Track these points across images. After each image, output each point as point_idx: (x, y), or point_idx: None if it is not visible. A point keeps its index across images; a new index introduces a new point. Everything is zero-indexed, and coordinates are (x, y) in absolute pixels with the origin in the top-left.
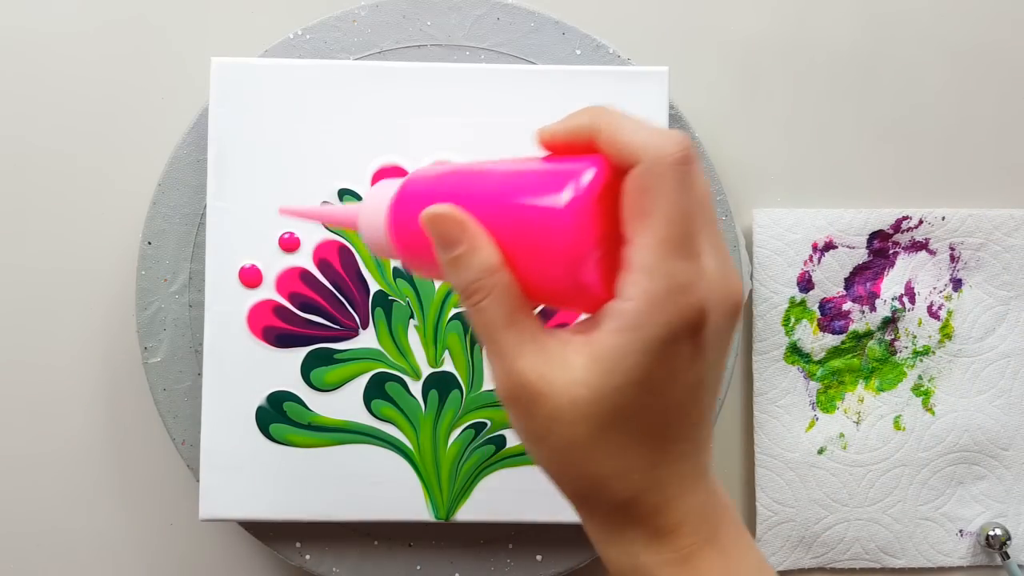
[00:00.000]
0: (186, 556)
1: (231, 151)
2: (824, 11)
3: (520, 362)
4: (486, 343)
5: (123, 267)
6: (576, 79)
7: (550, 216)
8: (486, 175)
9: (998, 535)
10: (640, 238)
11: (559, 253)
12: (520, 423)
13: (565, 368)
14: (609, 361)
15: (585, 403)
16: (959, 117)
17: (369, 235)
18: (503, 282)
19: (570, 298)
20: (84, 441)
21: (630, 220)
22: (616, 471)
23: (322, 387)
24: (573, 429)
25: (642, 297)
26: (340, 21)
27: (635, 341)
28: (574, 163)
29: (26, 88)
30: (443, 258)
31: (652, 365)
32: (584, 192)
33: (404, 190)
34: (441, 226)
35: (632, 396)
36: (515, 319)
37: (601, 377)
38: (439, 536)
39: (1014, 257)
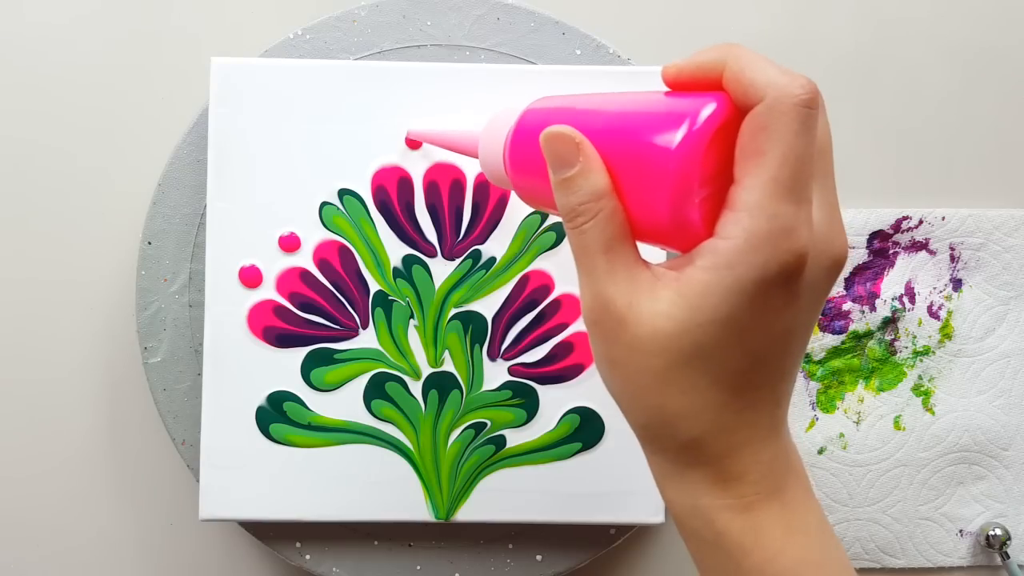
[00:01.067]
0: (186, 556)
1: (231, 151)
2: (824, 11)
3: (611, 287)
4: (581, 265)
5: (123, 267)
6: (576, 79)
7: (661, 151)
8: (606, 106)
9: (998, 535)
10: (749, 178)
11: (665, 188)
12: (600, 347)
13: (653, 299)
14: (696, 297)
15: (666, 336)
16: (959, 117)
17: (487, 162)
18: (609, 207)
19: (669, 235)
20: (84, 441)
21: (742, 159)
22: (687, 409)
23: (322, 387)
24: (650, 360)
25: (741, 236)
26: (340, 21)
27: (725, 279)
28: (693, 99)
29: (26, 88)
30: (555, 179)
31: (740, 306)
32: (699, 129)
33: (524, 118)
34: (558, 145)
35: (714, 335)
36: (613, 245)
37: (685, 312)
38: (439, 536)
39: (1014, 257)
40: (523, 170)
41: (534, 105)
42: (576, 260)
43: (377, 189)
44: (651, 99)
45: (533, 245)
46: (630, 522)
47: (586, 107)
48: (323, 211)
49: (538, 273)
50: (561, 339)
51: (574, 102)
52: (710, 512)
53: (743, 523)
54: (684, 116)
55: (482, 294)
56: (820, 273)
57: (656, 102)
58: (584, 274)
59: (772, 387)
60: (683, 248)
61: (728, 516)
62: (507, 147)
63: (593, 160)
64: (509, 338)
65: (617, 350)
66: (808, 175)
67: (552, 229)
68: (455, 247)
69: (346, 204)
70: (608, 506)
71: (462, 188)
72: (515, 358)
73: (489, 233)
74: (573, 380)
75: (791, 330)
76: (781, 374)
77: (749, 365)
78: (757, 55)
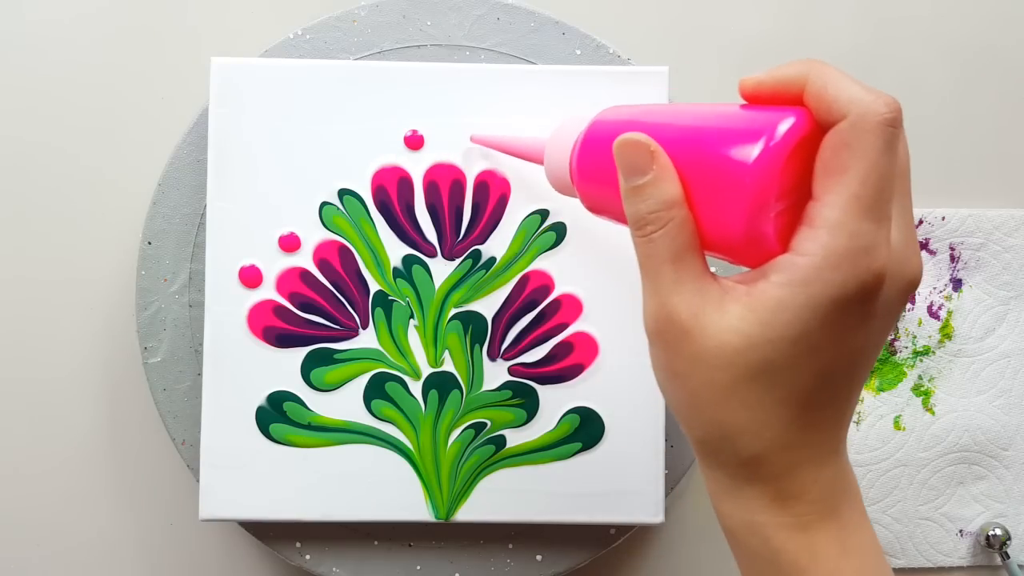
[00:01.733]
0: (186, 556)
1: (231, 151)
2: (824, 11)
3: (676, 298)
4: (646, 274)
5: (123, 267)
6: (576, 79)
7: (739, 164)
8: (680, 116)
9: (998, 535)
10: (830, 195)
11: (742, 202)
12: (662, 358)
13: (721, 312)
14: (768, 312)
15: (733, 350)
16: (959, 117)
17: (553, 169)
18: (680, 216)
19: (741, 249)
20: (84, 441)
21: (822, 176)
22: (750, 425)
23: (322, 387)
24: (715, 374)
25: (820, 253)
26: (340, 21)
27: (800, 296)
28: (772, 112)
29: (26, 88)
30: (626, 186)
31: (813, 324)
32: (778, 143)
33: (594, 127)
34: (631, 152)
35: (783, 352)
36: (682, 255)
37: (755, 327)
38: (439, 536)
39: (1014, 257)
40: (591, 178)
41: (603, 115)
42: (641, 269)
43: (377, 189)
44: (727, 112)
45: (533, 245)
46: (630, 522)
47: (659, 118)
48: (323, 211)
49: (538, 273)
50: (561, 339)
51: (646, 112)
52: (766, 529)
53: (800, 542)
54: (763, 130)
55: (482, 294)
56: (895, 294)
57: (733, 115)
58: (649, 283)
59: (837, 407)
60: (753, 263)
61: (785, 535)
62: (575, 155)
63: (666, 168)
64: (509, 338)
65: (680, 362)
66: (889, 194)
67: (552, 229)
68: (455, 247)
69: (346, 204)
70: (608, 506)
71: (462, 188)
72: (515, 358)
73: (489, 233)
74: (573, 380)
75: (862, 350)
76: (847, 394)
77: (817, 384)
78: (839, 72)
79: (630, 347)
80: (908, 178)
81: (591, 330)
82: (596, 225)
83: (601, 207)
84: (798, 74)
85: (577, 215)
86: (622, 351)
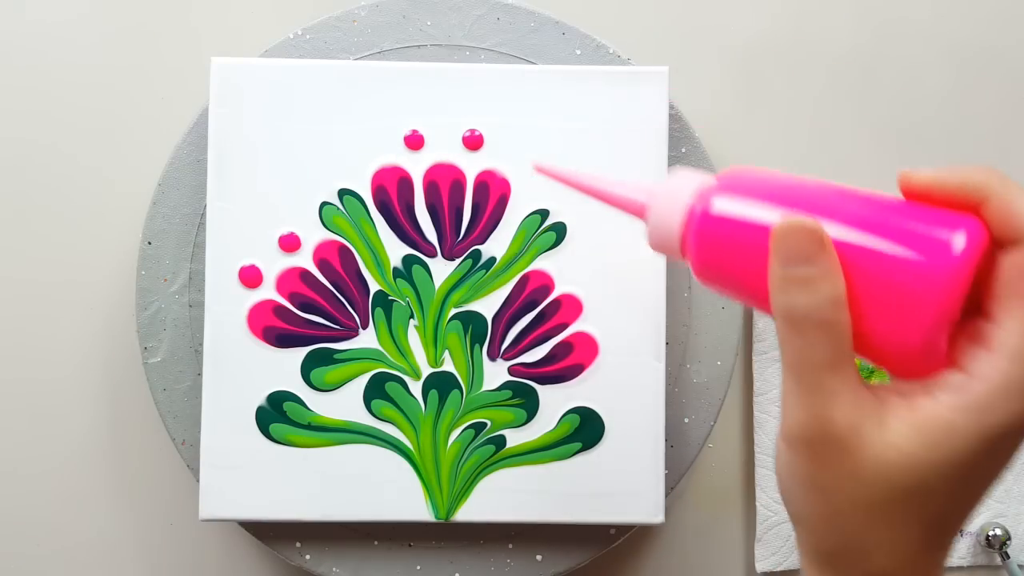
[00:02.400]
0: (186, 556)
1: (231, 151)
2: (824, 11)
3: (834, 409)
4: (799, 379)
5: (123, 267)
6: (576, 79)
7: (920, 273)
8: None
9: (998, 535)
10: (1012, 321)
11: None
12: (805, 470)
13: (881, 428)
14: (937, 434)
15: (892, 468)
16: (959, 117)
17: (659, 232)
18: (843, 320)
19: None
20: (84, 441)
21: (1005, 298)
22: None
23: (322, 387)
24: (865, 490)
25: (999, 380)
26: (340, 21)
27: (973, 423)
28: (951, 219)
29: (26, 88)
30: (782, 273)
31: (980, 451)
32: (963, 256)
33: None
34: (797, 238)
35: (944, 475)
36: (841, 362)
37: (921, 448)
38: (439, 536)
39: None
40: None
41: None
42: (791, 371)
43: (377, 189)
44: (894, 206)
45: (533, 245)
46: (630, 522)
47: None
48: (323, 211)
49: (538, 273)
50: (561, 339)
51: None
52: None
53: None
54: (948, 239)
55: (482, 294)
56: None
57: (903, 212)
58: (802, 390)
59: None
60: (915, 375)
61: None
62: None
63: (836, 263)
64: (509, 338)
65: (829, 474)
66: None
67: (552, 229)
68: (455, 247)
69: (346, 204)
70: (608, 506)
71: (462, 188)
72: (515, 358)
73: (489, 233)
74: (573, 380)
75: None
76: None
77: (960, 506)
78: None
79: (630, 347)
80: None
81: (591, 330)
82: (596, 225)
83: (724, 282)
84: (979, 184)
85: (577, 215)
86: (622, 351)
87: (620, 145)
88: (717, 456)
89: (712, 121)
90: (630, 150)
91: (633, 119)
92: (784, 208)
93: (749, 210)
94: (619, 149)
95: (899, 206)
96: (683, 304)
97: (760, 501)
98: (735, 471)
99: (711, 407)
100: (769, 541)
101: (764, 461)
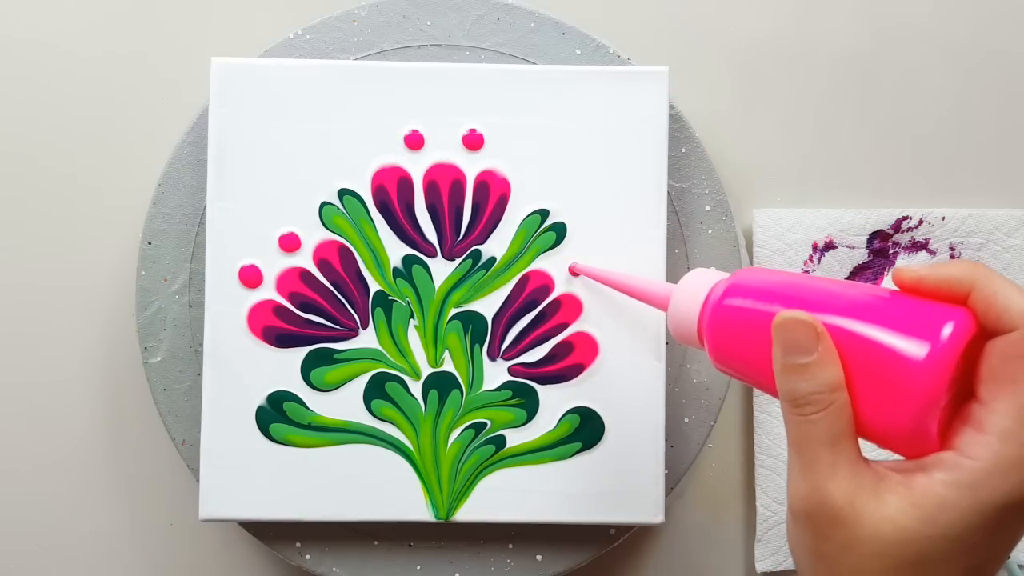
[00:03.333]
0: (186, 556)
1: (231, 151)
2: (824, 11)
3: (832, 484)
4: (801, 455)
5: (123, 267)
6: (576, 79)
7: (911, 360)
8: (835, 295)
9: None
10: (999, 403)
11: (910, 398)
12: (809, 541)
13: (878, 502)
14: (931, 509)
15: (889, 541)
16: (959, 117)
17: (678, 322)
18: (841, 401)
19: (901, 441)
20: (84, 441)
21: (991, 382)
22: None
23: (322, 387)
24: (865, 562)
25: (990, 459)
26: (340, 21)
27: (966, 499)
28: (941, 309)
29: (26, 88)
30: (784, 362)
31: (976, 526)
32: (951, 343)
33: (732, 287)
34: (796, 331)
35: (941, 548)
36: (840, 440)
37: (915, 523)
38: (439, 536)
39: (1014, 257)
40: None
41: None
42: (793, 447)
43: (377, 189)
44: (888, 298)
45: (533, 245)
46: (630, 522)
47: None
48: (323, 211)
49: (538, 273)
50: (561, 339)
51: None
52: None
53: None
54: (935, 328)
55: (482, 294)
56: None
57: (896, 304)
58: (803, 464)
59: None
60: (910, 454)
61: None
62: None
63: (831, 351)
64: (509, 338)
65: (829, 547)
66: None
67: (552, 229)
68: (455, 247)
69: (346, 204)
70: (608, 506)
71: (462, 188)
72: (515, 358)
73: (489, 233)
74: (573, 380)
75: (1009, 549)
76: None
77: None
78: (1005, 280)
79: (630, 347)
80: None
81: (591, 330)
82: (596, 225)
83: (735, 366)
84: (964, 276)
85: (577, 215)
86: (622, 351)
87: (620, 145)
88: (717, 456)
89: (712, 121)
90: (630, 150)
91: (633, 119)
92: (787, 301)
93: (755, 303)
94: (619, 149)
95: (894, 299)
96: None
97: (760, 501)
98: (735, 471)
99: (711, 407)
100: (769, 541)
101: (764, 461)
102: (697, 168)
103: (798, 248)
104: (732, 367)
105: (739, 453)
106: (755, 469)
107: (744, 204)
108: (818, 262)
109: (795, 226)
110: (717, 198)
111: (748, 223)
